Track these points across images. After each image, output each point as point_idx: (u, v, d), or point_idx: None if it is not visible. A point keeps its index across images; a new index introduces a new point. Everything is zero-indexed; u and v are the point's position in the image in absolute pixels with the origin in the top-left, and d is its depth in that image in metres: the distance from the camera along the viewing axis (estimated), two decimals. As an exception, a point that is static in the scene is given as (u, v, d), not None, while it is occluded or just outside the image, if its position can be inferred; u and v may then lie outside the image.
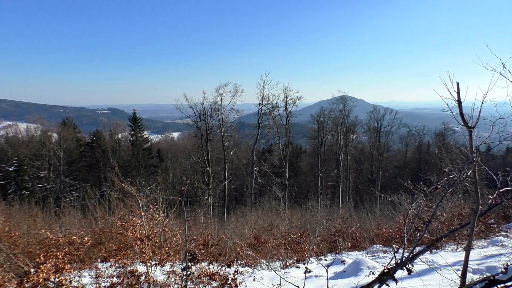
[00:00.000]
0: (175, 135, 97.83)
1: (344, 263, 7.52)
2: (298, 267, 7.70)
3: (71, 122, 50.13)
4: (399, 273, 3.46)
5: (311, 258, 9.75)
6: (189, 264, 5.36)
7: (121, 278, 5.64)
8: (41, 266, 4.79)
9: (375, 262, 7.48)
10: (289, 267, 9.15)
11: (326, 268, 4.16)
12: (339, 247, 11.36)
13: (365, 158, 53.84)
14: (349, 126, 47.75)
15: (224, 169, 36.96)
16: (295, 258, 10.04)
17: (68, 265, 5.20)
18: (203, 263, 6.14)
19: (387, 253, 10.28)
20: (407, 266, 3.44)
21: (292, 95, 37.87)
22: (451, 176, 3.89)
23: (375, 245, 11.84)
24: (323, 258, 10.46)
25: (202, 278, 5.68)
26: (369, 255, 10.25)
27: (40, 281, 4.71)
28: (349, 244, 11.82)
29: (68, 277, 5.54)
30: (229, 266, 6.19)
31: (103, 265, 7.12)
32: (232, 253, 11.54)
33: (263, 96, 35.95)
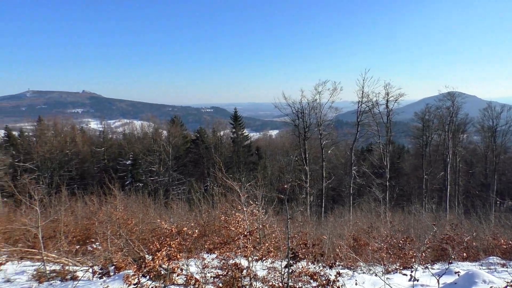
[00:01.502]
0: (273, 133, 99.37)
1: (458, 274, 6.93)
2: (405, 274, 7.31)
3: (179, 120, 53.83)
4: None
5: (417, 266, 9.19)
6: (291, 261, 5.42)
7: (226, 270, 5.91)
8: (157, 253, 5.24)
9: (493, 276, 6.77)
10: (392, 273, 8.73)
11: (438, 278, 3.89)
12: (452, 256, 10.52)
13: (477, 159, 49.06)
14: (458, 124, 43.88)
15: (321, 168, 36.62)
16: (398, 264, 9.55)
17: (180, 254, 5.61)
18: (303, 262, 6.16)
19: (506, 267, 9.26)
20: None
21: (393, 92, 35.95)
22: None
23: (490, 257, 10.73)
24: (429, 266, 9.79)
25: (303, 277, 5.70)
26: (483, 268, 9.33)
27: (156, 267, 5.15)
28: (464, 254, 10.88)
29: (179, 265, 5.98)
30: (330, 267, 6.11)
31: (208, 256, 7.52)
32: (330, 254, 11.39)
33: (362, 93, 34.79)
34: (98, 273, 7.26)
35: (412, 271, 6.08)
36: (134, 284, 5.06)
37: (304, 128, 35.65)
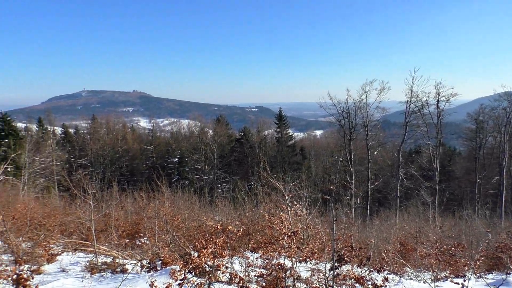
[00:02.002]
0: (318, 133, 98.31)
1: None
2: (457, 283, 6.98)
3: (224, 119, 54.57)
4: None
5: (469, 275, 8.77)
6: (336, 264, 5.34)
7: (269, 270, 5.92)
8: (202, 250, 5.34)
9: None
10: (441, 280, 8.39)
11: (493, 289, 3.68)
12: (510, 266, 9.91)
13: (537, 164, 45.92)
14: (516, 126, 41.20)
15: (367, 169, 35.81)
16: (448, 272, 9.16)
17: (225, 252, 5.69)
18: (348, 265, 6.05)
19: None
20: None
21: (445, 92, 34.30)
22: None
23: (552, 269, 10.02)
24: (482, 275, 9.30)
25: (348, 280, 5.60)
26: (544, 280, 8.73)
27: (202, 264, 5.25)
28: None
29: (223, 263, 6.06)
30: (378, 271, 5.95)
31: (252, 255, 7.57)
32: (375, 258, 11.11)
33: (411, 93, 33.56)
34: (146, 267, 7.51)
35: (464, 280, 5.80)
36: (181, 280, 5.19)
37: (350, 128, 35.01)
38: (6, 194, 15.85)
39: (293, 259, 6.60)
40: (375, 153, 36.93)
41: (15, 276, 5.15)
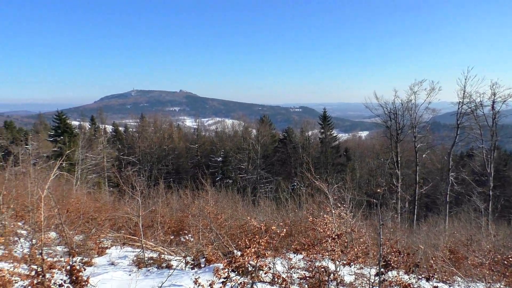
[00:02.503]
0: (363, 134, 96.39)
1: None
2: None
3: (267, 119, 54.77)
4: None
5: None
6: (382, 270, 5.18)
7: (312, 273, 5.85)
8: (246, 249, 5.37)
9: None
10: (495, 292, 7.94)
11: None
12: None
13: None
14: None
15: (415, 173, 34.59)
16: (503, 283, 8.63)
17: (268, 252, 5.69)
18: (394, 272, 5.86)
19: None
20: None
21: (501, 92, 32.21)
22: None
23: None
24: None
25: (394, 287, 5.42)
26: None
27: (245, 264, 5.28)
28: None
29: (266, 263, 6.07)
30: (427, 279, 5.72)
31: (294, 256, 7.52)
32: (423, 265, 10.70)
33: (464, 93, 31.87)
34: (190, 263, 7.66)
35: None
36: (224, 278, 5.24)
37: (397, 129, 33.93)
38: (61, 189, 16.70)
39: (337, 263, 6.49)
40: (424, 155, 35.52)
41: (68, 267, 5.41)
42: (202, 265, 7.38)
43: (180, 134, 59.20)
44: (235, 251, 7.30)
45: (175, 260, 8.19)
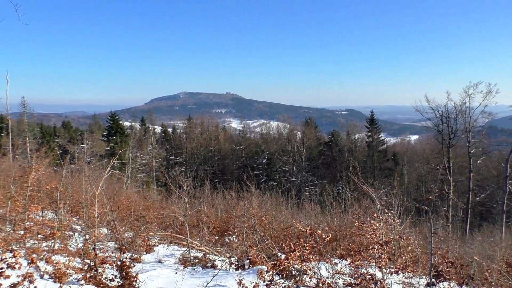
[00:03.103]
0: (412, 138, 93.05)
1: None
2: None
3: (313, 122, 54.29)
4: None
5: None
6: (433, 280, 4.96)
7: (358, 279, 5.71)
8: (291, 253, 5.34)
9: None
10: (559, 310, 7.37)
11: None
12: None
13: None
14: None
15: (468, 180, 32.91)
16: None
17: (313, 257, 5.62)
18: (445, 283, 5.60)
19: None
20: None
21: None
22: None
23: None
24: None
25: (446, 299, 5.17)
26: None
27: (290, 267, 5.25)
28: None
29: (311, 267, 5.99)
30: (482, 294, 5.42)
31: (340, 262, 7.38)
32: (476, 277, 10.14)
33: (525, 96, 30.14)
34: (234, 264, 7.72)
35: None
36: (268, 281, 5.23)
37: (449, 134, 32.44)
38: (113, 187, 17.44)
39: (384, 270, 6.30)
40: (478, 162, 33.71)
41: (119, 263, 5.63)
42: (246, 267, 7.41)
43: (226, 136, 60.02)
44: (279, 254, 7.28)
45: (220, 260, 8.29)
